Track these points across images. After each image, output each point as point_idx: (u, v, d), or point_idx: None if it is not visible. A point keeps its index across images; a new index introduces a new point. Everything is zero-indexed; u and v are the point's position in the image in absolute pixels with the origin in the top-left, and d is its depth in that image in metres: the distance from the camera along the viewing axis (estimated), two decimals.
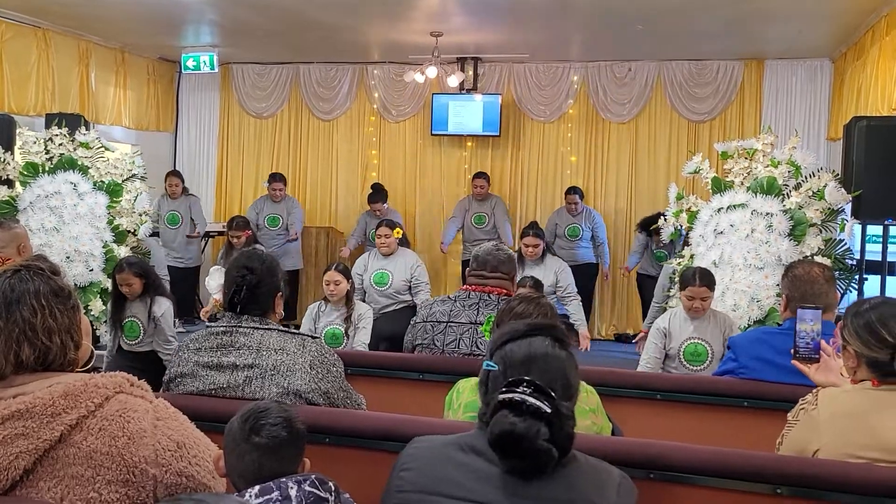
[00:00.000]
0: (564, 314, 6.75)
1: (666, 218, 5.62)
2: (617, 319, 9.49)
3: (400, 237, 6.41)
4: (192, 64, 9.19)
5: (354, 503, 1.96)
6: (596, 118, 9.50)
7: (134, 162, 6.48)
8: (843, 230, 4.99)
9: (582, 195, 8.86)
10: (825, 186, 4.94)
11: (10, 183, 6.22)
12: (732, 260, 5.04)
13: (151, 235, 6.80)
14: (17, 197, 6.21)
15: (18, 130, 6.42)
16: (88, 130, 6.48)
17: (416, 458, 1.79)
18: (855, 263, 5.09)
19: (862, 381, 2.34)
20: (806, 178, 5.06)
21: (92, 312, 6.00)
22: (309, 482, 1.88)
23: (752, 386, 3.32)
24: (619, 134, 9.46)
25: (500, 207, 9.11)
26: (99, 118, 8.73)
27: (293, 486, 1.86)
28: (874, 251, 5.38)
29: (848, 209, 5.15)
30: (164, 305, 5.06)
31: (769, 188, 5.03)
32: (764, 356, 3.18)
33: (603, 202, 9.43)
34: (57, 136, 6.29)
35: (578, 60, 9.38)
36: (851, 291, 5.03)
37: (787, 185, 5.07)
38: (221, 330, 2.75)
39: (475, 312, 3.67)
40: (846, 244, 5.01)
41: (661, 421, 3.39)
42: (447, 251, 9.34)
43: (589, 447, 2.06)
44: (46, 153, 6.29)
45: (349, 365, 3.29)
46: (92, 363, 1.93)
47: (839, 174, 5.21)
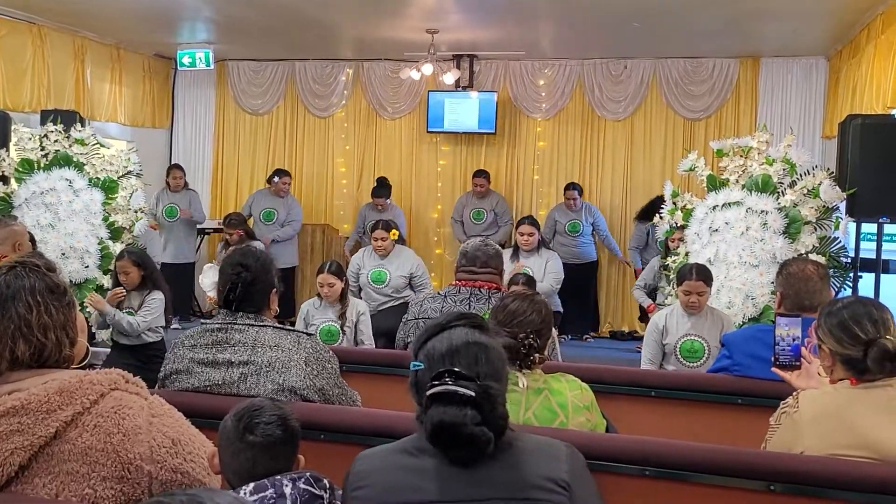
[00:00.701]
0: (558, 311, 6.77)
1: (664, 202, 5.63)
2: (612, 317, 9.49)
3: (396, 239, 6.41)
4: (187, 61, 9.18)
5: None
6: (592, 116, 9.50)
7: (129, 159, 6.47)
8: (837, 228, 5.01)
9: (581, 191, 8.87)
10: (820, 184, 4.95)
11: (5, 179, 6.20)
12: (727, 257, 5.05)
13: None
14: (12, 194, 6.20)
15: (14, 127, 6.41)
16: (84, 127, 6.47)
17: (365, 473, 1.77)
18: (849, 261, 5.10)
19: (840, 380, 2.36)
20: (801, 175, 5.08)
21: (88, 309, 6.00)
22: (304, 480, 1.88)
23: (746, 383, 3.33)
24: (614, 131, 9.45)
25: (501, 203, 9.22)
26: (94, 115, 8.71)
27: (288, 483, 1.86)
28: (868, 249, 5.39)
29: (843, 207, 5.16)
30: (156, 297, 5.10)
31: (764, 186, 5.04)
32: (758, 353, 3.19)
33: (598, 200, 9.42)
34: (52, 132, 6.28)
35: (574, 58, 9.37)
36: (846, 289, 5.04)
37: (782, 182, 5.08)
38: (216, 327, 2.76)
39: (466, 307, 3.71)
40: (841, 242, 5.03)
41: (655, 418, 3.40)
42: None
43: (583, 444, 2.07)
44: (42, 150, 6.27)
45: (344, 362, 3.29)
46: (87, 360, 1.92)
47: (834, 172, 5.22)
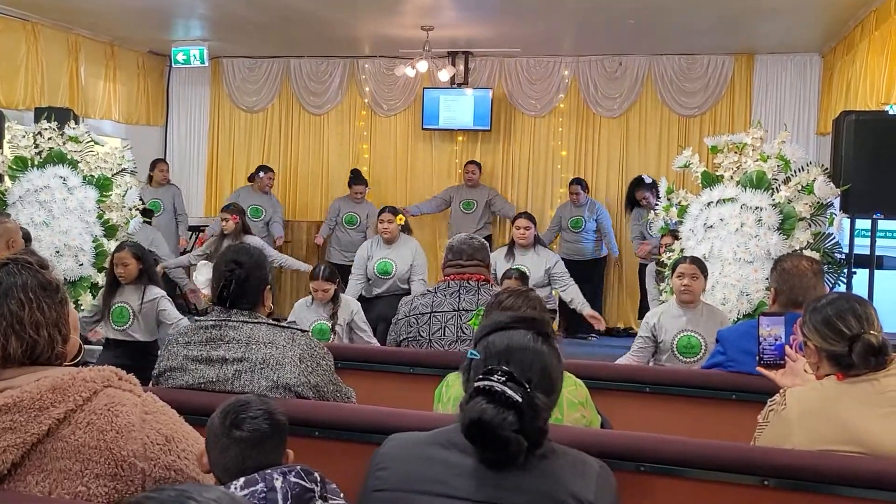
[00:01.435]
0: (553, 309, 6.76)
1: (644, 179, 5.64)
2: (607, 314, 9.49)
3: (402, 224, 6.40)
4: (182, 58, 9.16)
5: (341, 493, 1.96)
6: (587, 113, 9.51)
7: (124, 156, 6.45)
8: (831, 224, 5.02)
9: (585, 186, 8.86)
10: (814, 181, 4.96)
11: None
12: (722, 254, 5.05)
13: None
14: (6, 191, 6.18)
15: (7, 124, 6.39)
16: (78, 124, 6.45)
17: (392, 456, 1.79)
18: (843, 257, 5.11)
19: (826, 375, 2.38)
20: (795, 172, 5.08)
21: (82, 307, 5.98)
22: (294, 473, 1.88)
23: (740, 379, 3.34)
24: (609, 128, 9.46)
25: (498, 198, 9.26)
26: (88, 112, 8.69)
27: (278, 477, 1.86)
28: (863, 245, 5.40)
29: (837, 203, 5.17)
30: (157, 293, 5.05)
31: (759, 182, 5.04)
32: (752, 349, 3.18)
33: (594, 196, 9.42)
34: (46, 130, 6.25)
35: (569, 55, 9.38)
36: (840, 285, 5.05)
37: (776, 179, 5.08)
38: (210, 324, 2.76)
39: (457, 300, 3.74)
40: (835, 238, 5.04)
41: (649, 414, 3.40)
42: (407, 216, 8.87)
43: (578, 440, 2.07)
44: (35, 147, 6.25)
45: (339, 358, 3.29)
46: (81, 357, 1.92)
47: (828, 168, 5.23)
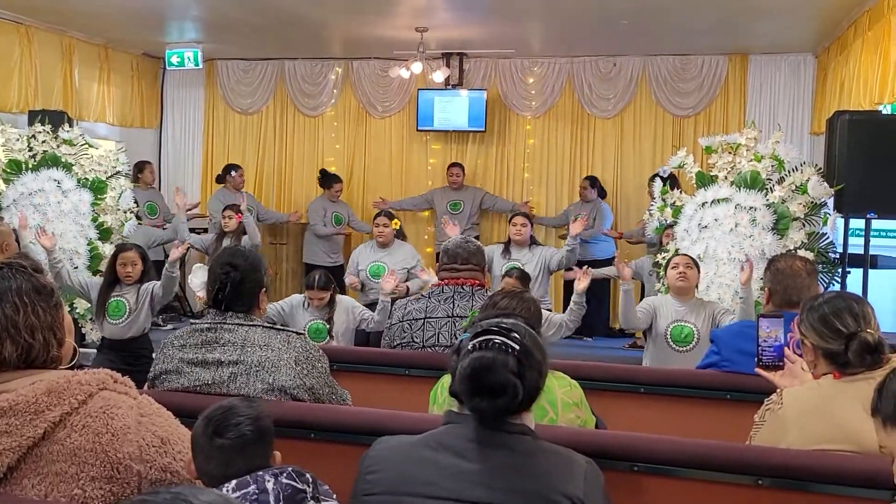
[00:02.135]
0: (549, 310, 6.77)
1: (661, 173, 5.64)
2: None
3: (397, 229, 6.42)
4: (176, 60, 9.14)
5: (333, 494, 1.97)
6: (581, 113, 9.51)
7: (118, 159, 6.46)
8: (825, 224, 5.04)
9: (593, 183, 8.83)
10: (808, 181, 4.98)
11: None
12: (717, 254, 5.07)
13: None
14: (0, 195, 6.18)
15: (1, 128, 6.39)
16: (72, 127, 6.46)
17: (381, 459, 1.81)
18: (837, 257, 5.14)
19: (823, 374, 2.39)
20: (789, 172, 5.10)
21: (77, 310, 5.98)
22: (286, 474, 1.88)
23: (734, 378, 3.35)
24: (604, 129, 9.47)
25: (488, 196, 9.30)
26: (82, 115, 8.67)
27: (270, 479, 1.86)
28: (856, 245, 5.42)
29: (831, 203, 5.19)
30: (150, 283, 5.04)
31: (753, 182, 5.06)
32: (746, 349, 3.20)
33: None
34: (40, 133, 6.26)
35: (564, 56, 9.38)
36: (834, 285, 5.07)
37: (770, 179, 5.10)
38: (206, 326, 2.76)
39: (451, 305, 3.71)
40: (829, 238, 5.06)
41: (644, 414, 3.41)
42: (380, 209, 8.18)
43: (573, 441, 2.08)
44: (30, 150, 6.26)
45: (334, 361, 3.29)
46: (76, 361, 1.92)
47: (822, 168, 5.25)
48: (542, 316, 2.74)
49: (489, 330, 1.78)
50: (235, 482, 1.85)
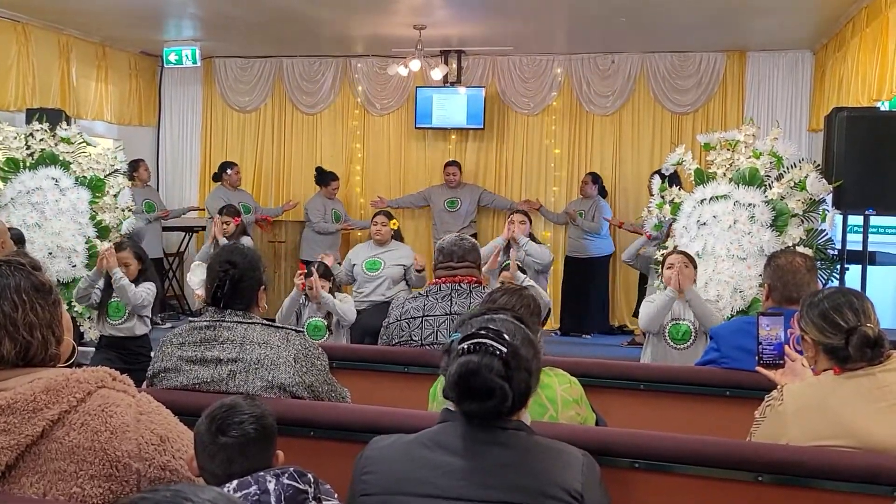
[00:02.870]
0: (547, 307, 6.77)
1: (662, 171, 5.65)
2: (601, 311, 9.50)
3: (395, 229, 6.44)
4: (174, 58, 9.12)
5: (335, 493, 1.96)
6: (579, 111, 9.51)
7: (116, 157, 6.44)
8: (824, 220, 5.04)
9: (595, 179, 8.86)
10: (807, 177, 4.97)
11: None
12: (715, 251, 5.07)
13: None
14: None
15: None
16: (70, 125, 6.44)
17: (376, 459, 1.80)
18: (836, 253, 5.13)
19: (824, 370, 2.39)
20: (787, 168, 5.09)
21: (75, 308, 5.97)
22: (287, 475, 1.88)
23: (734, 375, 3.35)
24: (602, 126, 9.47)
25: (486, 193, 9.33)
26: (80, 113, 8.65)
27: (271, 479, 1.85)
28: (855, 241, 5.43)
29: (829, 199, 5.19)
30: (149, 285, 5.03)
31: (751, 179, 5.06)
32: (745, 346, 3.20)
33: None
34: (38, 131, 6.25)
35: (562, 53, 9.38)
36: (833, 281, 5.07)
37: (768, 176, 5.10)
38: (205, 324, 2.76)
39: (449, 303, 3.71)
40: (827, 234, 5.06)
41: (644, 411, 3.41)
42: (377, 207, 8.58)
43: (573, 438, 2.07)
44: (27, 149, 6.24)
45: (333, 358, 3.29)
46: (75, 359, 1.91)
47: (820, 165, 5.25)
48: (541, 311, 2.74)
49: (476, 333, 1.77)
50: (237, 482, 1.84)
